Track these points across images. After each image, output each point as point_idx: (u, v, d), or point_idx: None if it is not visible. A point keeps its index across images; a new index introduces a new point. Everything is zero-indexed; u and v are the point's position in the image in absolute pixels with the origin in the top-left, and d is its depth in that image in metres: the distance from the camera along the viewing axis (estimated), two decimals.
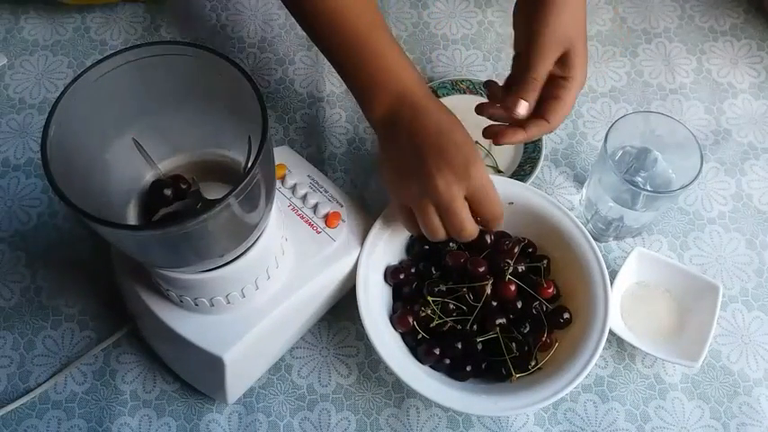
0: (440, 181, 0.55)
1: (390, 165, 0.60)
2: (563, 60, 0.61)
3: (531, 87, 0.60)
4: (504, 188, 0.67)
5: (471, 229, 0.58)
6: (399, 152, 0.58)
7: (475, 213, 0.58)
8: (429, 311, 0.61)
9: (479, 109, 0.65)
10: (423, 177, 0.56)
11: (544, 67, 0.60)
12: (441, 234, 0.59)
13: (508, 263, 0.63)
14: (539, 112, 0.61)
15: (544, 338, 0.62)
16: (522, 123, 0.62)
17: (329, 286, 0.64)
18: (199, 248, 0.49)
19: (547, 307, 0.63)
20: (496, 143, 0.63)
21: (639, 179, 0.68)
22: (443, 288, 0.63)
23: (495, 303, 0.63)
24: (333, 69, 0.63)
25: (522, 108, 0.60)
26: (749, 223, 0.75)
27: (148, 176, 0.53)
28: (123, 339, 0.67)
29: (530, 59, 0.60)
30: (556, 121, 0.61)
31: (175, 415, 0.64)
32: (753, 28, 0.88)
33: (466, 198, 0.57)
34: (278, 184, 0.66)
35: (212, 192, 0.52)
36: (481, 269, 0.63)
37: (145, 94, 0.49)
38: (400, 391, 0.66)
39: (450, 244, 0.66)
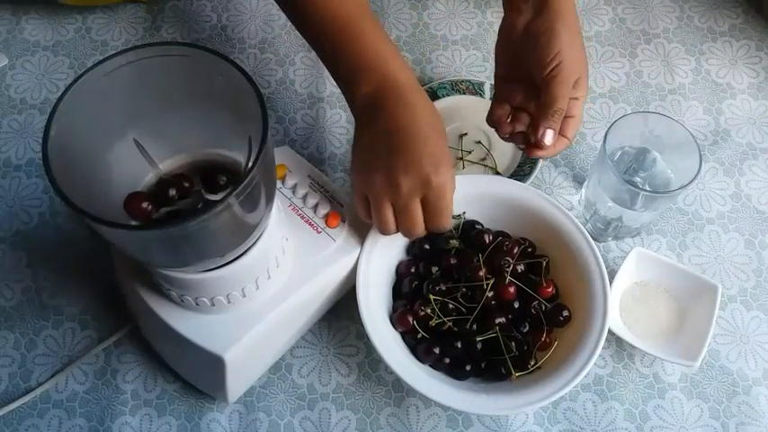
0: (402, 182, 0.56)
1: (360, 151, 0.60)
2: (574, 84, 0.62)
3: (557, 118, 0.62)
4: (504, 188, 0.68)
5: (420, 231, 0.60)
6: (371, 140, 0.58)
7: (424, 219, 0.59)
8: (429, 311, 0.62)
9: (500, 129, 0.67)
10: (388, 172, 0.57)
11: (567, 96, 0.61)
12: (391, 230, 0.60)
13: (508, 260, 0.63)
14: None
15: (543, 338, 0.62)
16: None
17: (329, 286, 0.64)
18: (200, 248, 0.49)
19: (546, 306, 0.63)
20: (528, 156, 0.65)
21: (638, 179, 0.68)
22: (443, 287, 0.63)
23: (494, 303, 0.63)
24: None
25: (550, 138, 0.62)
26: (748, 223, 0.75)
27: (149, 177, 0.53)
28: (124, 339, 0.68)
29: (552, 93, 0.61)
30: (573, 136, 0.65)
31: (176, 414, 0.65)
32: (751, 28, 0.88)
33: (421, 201, 0.58)
34: (278, 184, 0.66)
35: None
36: (480, 273, 0.63)
37: (146, 94, 0.49)
38: (400, 391, 0.66)
39: (451, 242, 0.66)
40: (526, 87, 0.64)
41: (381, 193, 0.58)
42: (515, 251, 0.65)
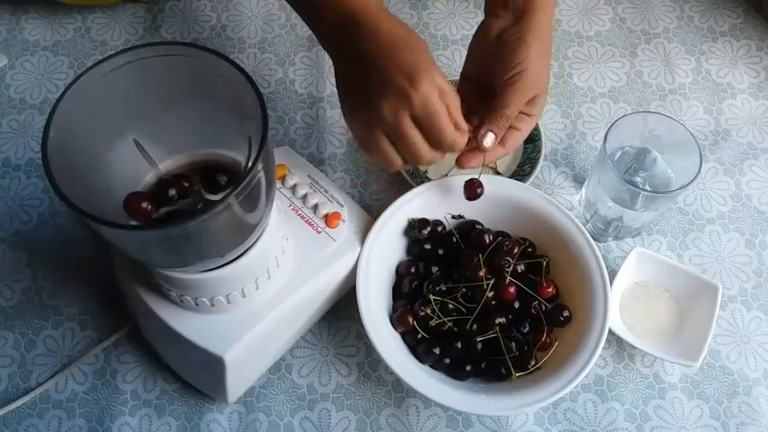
0: (384, 110, 0.55)
1: (342, 98, 0.59)
2: (531, 101, 0.62)
3: (503, 124, 0.61)
4: (504, 188, 0.68)
5: (427, 156, 0.58)
6: (347, 82, 0.58)
7: (425, 136, 0.57)
8: (429, 311, 0.62)
9: None
10: (367, 102, 0.56)
11: (519, 107, 0.61)
12: (396, 164, 0.59)
13: (508, 260, 0.63)
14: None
15: (544, 338, 0.62)
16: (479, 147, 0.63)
17: (329, 286, 0.64)
18: (199, 248, 0.49)
19: (546, 306, 0.63)
20: (459, 166, 0.63)
21: (639, 179, 0.68)
22: (443, 288, 0.63)
23: (494, 303, 0.63)
24: (333, 69, 0.62)
25: (490, 140, 0.61)
26: (748, 223, 0.75)
27: (149, 176, 0.53)
28: (124, 339, 0.67)
29: (506, 98, 0.60)
30: (511, 148, 0.64)
31: (176, 414, 0.65)
32: (752, 28, 0.88)
33: (414, 121, 0.56)
34: (278, 184, 0.66)
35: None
36: (480, 273, 0.63)
37: (145, 94, 0.49)
38: (400, 391, 0.66)
39: (454, 239, 0.66)
40: (483, 91, 0.64)
41: (369, 128, 0.57)
42: (515, 251, 0.65)
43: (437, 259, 0.66)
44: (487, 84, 0.64)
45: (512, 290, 0.63)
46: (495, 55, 0.62)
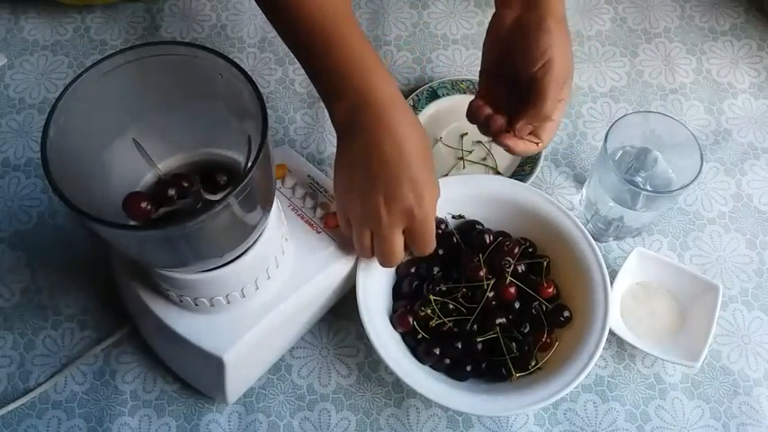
0: (383, 213, 0.55)
1: (340, 169, 0.57)
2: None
3: (541, 119, 0.60)
4: (504, 188, 0.68)
5: (397, 260, 0.59)
6: (351, 160, 0.56)
7: (407, 244, 0.59)
8: (429, 311, 0.61)
9: (473, 116, 0.64)
10: (367, 201, 0.55)
11: (555, 98, 0.59)
12: (367, 256, 0.60)
13: (509, 260, 0.63)
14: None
15: (544, 338, 0.62)
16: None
17: (329, 286, 0.64)
18: (199, 248, 0.49)
19: (547, 307, 0.63)
20: (501, 142, 0.62)
21: (639, 179, 0.68)
22: (443, 288, 0.63)
23: (495, 303, 0.63)
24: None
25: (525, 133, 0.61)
26: (749, 223, 0.75)
27: (148, 176, 0.53)
28: (123, 339, 0.67)
29: (540, 93, 0.58)
30: (548, 141, 0.63)
31: (175, 415, 0.64)
32: (753, 28, 0.88)
33: (404, 230, 0.57)
34: (278, 184, 0.66)
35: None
36: (480, 273, 0.63)
37: (145, 93, 0.49)
38: (400, 391, 0.66)
39: (454, 239, 0.66)
40: (510, 86, 0.62)
41: (360, 221, 0.57)
42: (516, 251, 0.64)
43: (437, 259, 0.66)
44: (511, 77, 0.61)
45: (512, 290, 0.63)
46: (516, 47, 0.60)
